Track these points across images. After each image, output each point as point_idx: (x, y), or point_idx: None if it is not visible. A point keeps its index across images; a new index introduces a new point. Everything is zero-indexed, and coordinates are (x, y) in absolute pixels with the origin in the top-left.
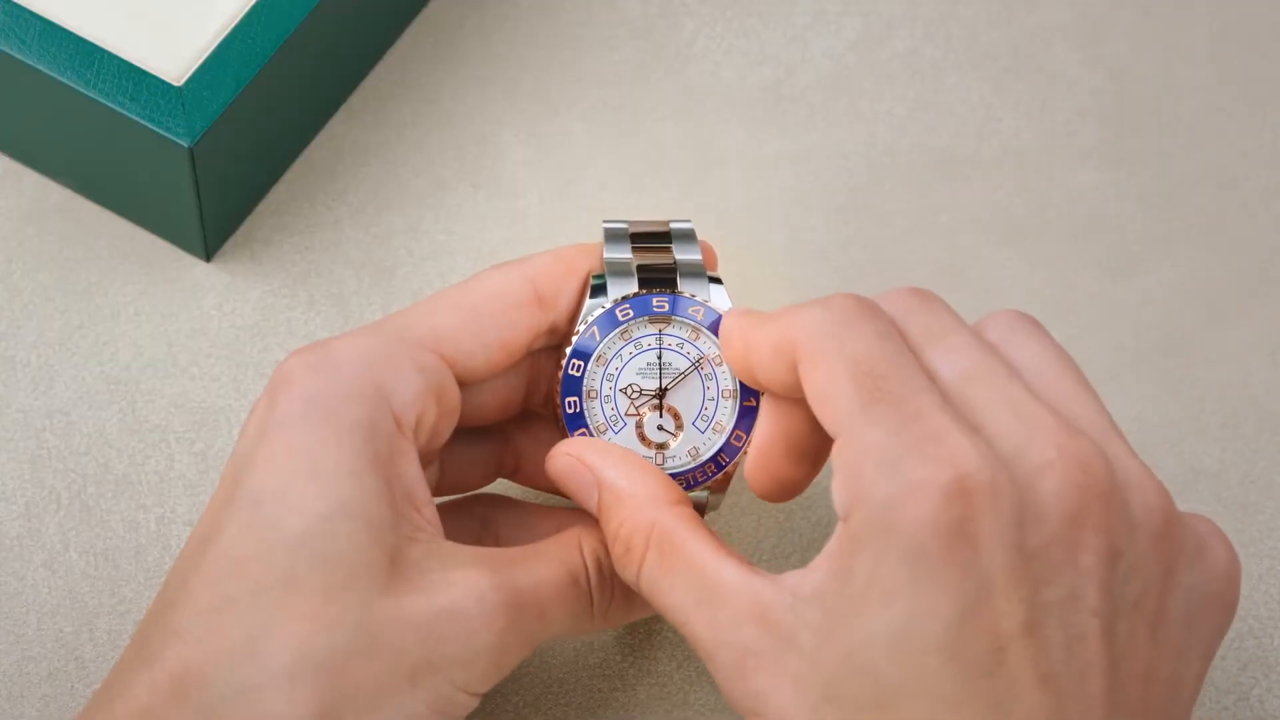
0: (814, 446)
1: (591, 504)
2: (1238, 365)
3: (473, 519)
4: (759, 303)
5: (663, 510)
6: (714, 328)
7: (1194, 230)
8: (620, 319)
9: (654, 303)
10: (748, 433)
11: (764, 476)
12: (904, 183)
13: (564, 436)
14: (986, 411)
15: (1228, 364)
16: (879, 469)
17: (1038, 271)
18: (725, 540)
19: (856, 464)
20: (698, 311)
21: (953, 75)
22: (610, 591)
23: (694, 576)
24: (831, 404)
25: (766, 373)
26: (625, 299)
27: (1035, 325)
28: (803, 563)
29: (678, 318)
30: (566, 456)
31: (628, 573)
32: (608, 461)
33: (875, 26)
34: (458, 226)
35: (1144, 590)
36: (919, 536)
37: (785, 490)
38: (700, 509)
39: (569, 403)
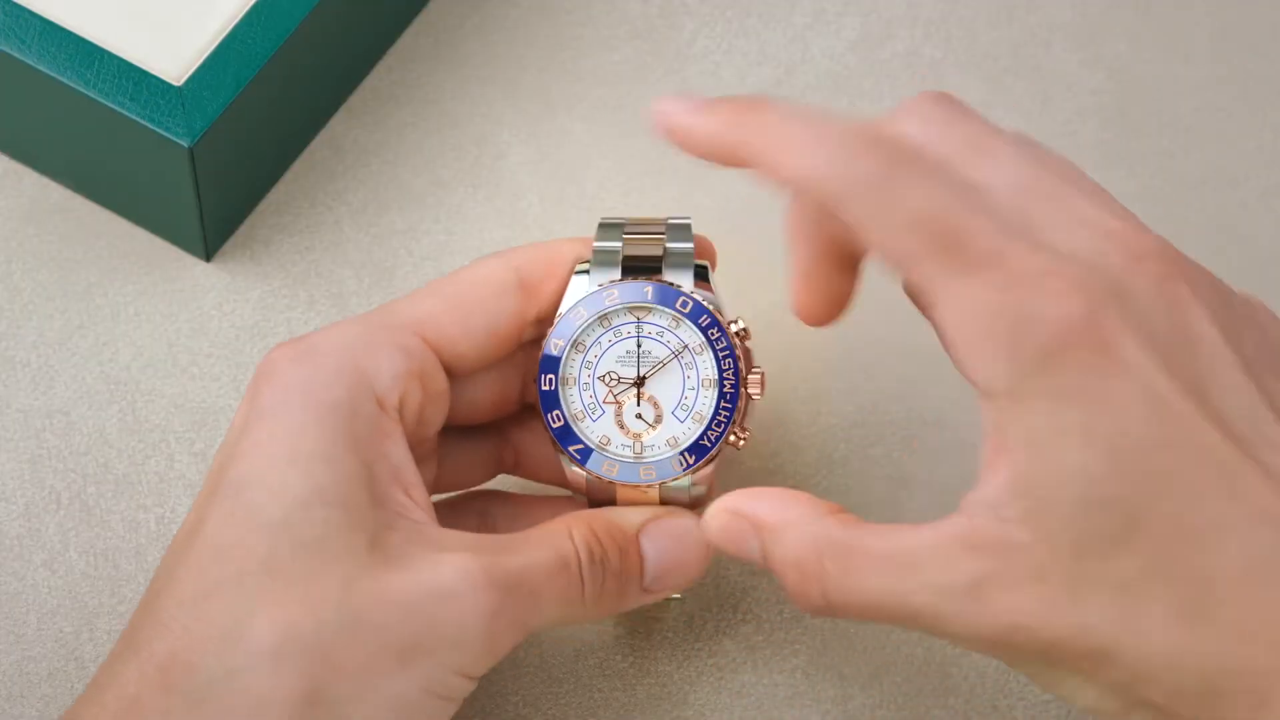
0: (855, 253)
1: (754, 554)
2: None
3: (470, 513)
4: (757, 303)
5: (824, 523)
6: (695, 317)
7: (1194, 230)
8: (606, 302)
9: (643, 290)
10: (728, 421)
11: (814, 298)
12: None
13: (540, 417)
14: (1053, 228)
15: None
16: (1011, 324)
17: None
18: None
19: (979, 328)
20: (682, 302)
21: (953, 75)
22: (601, 577)
23: (883, 559)
24: (916, 268)
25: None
26: (612, 283)
27: (1026, 139)
28: None
29: (659, 307)
30: (723, 513)
31: (812, 596)
32: (761, 505)
33: (875, 26)
34: (458, 226)
35: (1247, 345)
36: (1081, 363)
37: (835, 307)
38: (684, 500)
39: (545, 379)
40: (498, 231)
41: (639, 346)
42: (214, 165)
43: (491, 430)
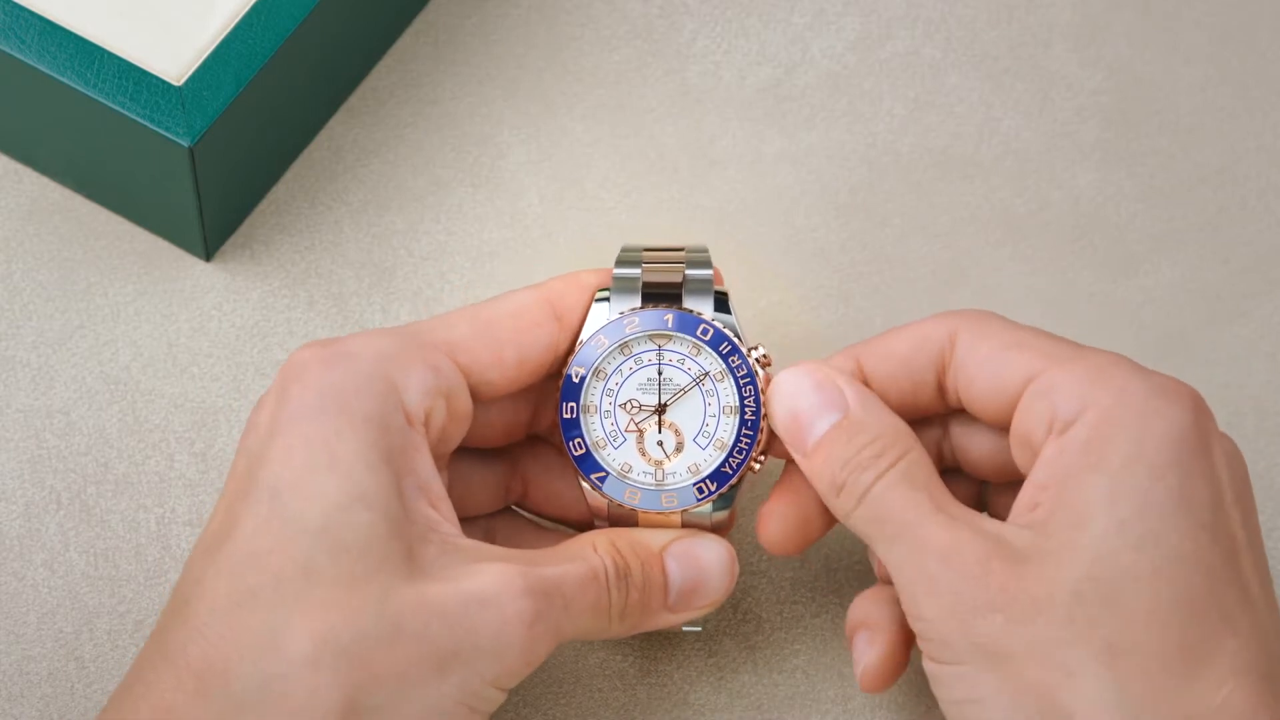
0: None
1: (818, 428)
2: (1238, 365)
3: (476, 531)
4: (756, 302)
5: (914, 443)
6: (715, 344)
7: (1194, 230)
8: (626, 331)
9: (664, 318)
10: (750, 448)
11: (790, 538)
12: (904, 183)
13: (551, 451)
14: None
15: (1228, 364)
16: (1128, 373)
17: (1038, 271)
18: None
19: (1090, 374)
20: (703, 329)
21: (953, 75)
22: (625, 592)
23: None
24: (1021, 354)
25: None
26: (633, 311)
27: None
28: (803, 564)
29: (679, 334)
30: (823, 369)
31: (863, 477)
32: (850, 391)
33: (875, 26)
34: (458, 226)
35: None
36: (1178, 429)
37: (805, 544)
38: (706, 526)
39: (567, 407)
40: (498, 231)
41: (660, 374)
42: (214, 165)
43: (503, 458)
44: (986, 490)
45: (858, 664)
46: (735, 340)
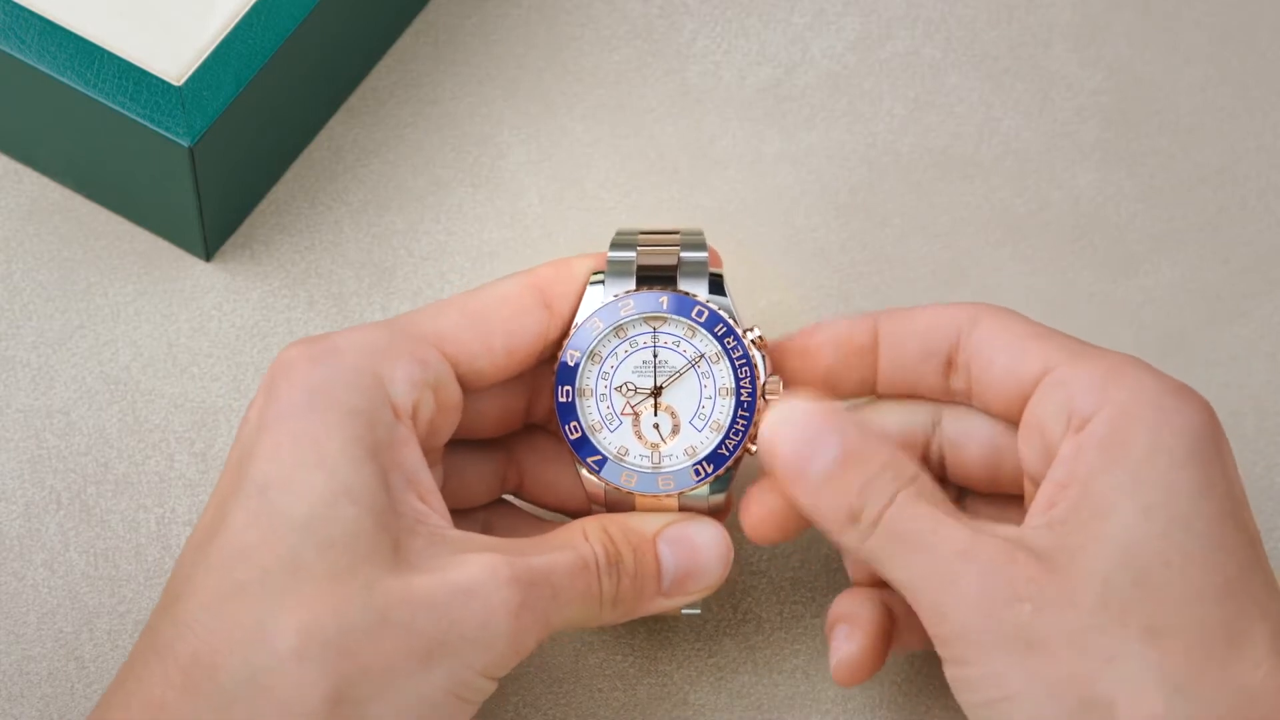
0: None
1: (821, 461)
2: (1238, 365)
3: (473, 524)
4: (756, 303)
5: (918, 468)
6: (711, 326)
7: (1194, 230)
8: (621, 313)
9: (659, 300)
10: (746, 429)
11: (771, 530)
12: (904, 183)
13: (546, 439)
14: None
15: (1228, 364)
16: (1142, 371)
17: (1038, 271)
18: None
19: (1105, 372)
20: (698, 311)
21: (953, 75)
22: (617, 579)
23: (942, 537)
24: (1041, 346)
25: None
26: (627, 293)
27: None
28: (803, 564)
29: (674, 317)
30: (815, 403)
31: (877, 502)
32: (846, 421)
33: (875, 26)
34: (458, 226)
35: None
36: (1194, 425)
37: (786, 536)
38: (703, 509)
39: (562, 391)
40: (498, 231)
41: (655, 356)
42: (214, 165)
43: (498, 448)
44: (966, 501)
45: (834, 655)
46: (730, 322)
